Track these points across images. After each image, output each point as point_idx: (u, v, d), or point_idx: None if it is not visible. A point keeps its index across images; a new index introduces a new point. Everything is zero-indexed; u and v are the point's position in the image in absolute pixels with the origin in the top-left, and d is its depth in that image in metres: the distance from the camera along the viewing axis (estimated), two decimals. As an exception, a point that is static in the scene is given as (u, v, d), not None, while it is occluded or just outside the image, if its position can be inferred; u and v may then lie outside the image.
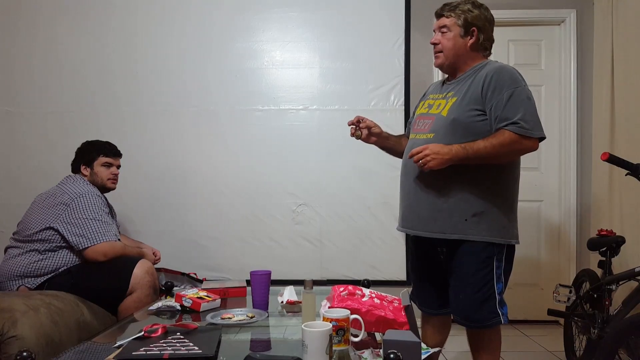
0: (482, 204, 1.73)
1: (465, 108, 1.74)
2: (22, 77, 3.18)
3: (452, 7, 1.82)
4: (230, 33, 3.20)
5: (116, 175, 2.47)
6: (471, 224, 1.73)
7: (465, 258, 1.74)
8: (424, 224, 1.80)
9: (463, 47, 1.81)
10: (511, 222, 1.79)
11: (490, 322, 1.73)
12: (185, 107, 3.19)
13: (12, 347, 1.65)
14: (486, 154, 1.67)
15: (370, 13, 3.19)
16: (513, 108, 1.67)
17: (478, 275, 1.72)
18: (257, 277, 1.88)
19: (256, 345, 1.56)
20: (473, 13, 1.79)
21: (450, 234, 1.75)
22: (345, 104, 3.19)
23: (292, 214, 3.19)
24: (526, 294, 3.28)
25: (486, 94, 1.71)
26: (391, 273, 3.17)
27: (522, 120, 1.66)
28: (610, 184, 2.81)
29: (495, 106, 1.69)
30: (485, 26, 1.82)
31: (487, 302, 1.72)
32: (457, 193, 1.74)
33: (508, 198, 1.78)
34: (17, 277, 2.16)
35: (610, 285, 2.20)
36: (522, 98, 1.69)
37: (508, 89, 1.69)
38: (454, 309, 1.82)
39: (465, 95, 1.76)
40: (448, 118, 1.75)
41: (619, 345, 1.79)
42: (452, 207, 1.74)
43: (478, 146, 1.67)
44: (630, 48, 2.68)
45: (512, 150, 1.69)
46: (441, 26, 1.83)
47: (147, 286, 2.17)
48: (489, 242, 1.72)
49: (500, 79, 1.71)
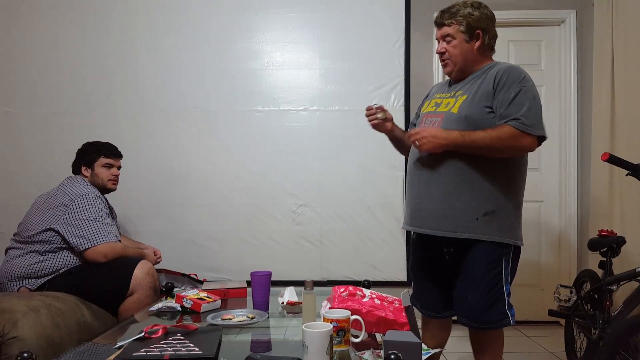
0: (493, 204, 1.72)
1: (477, 105, 1.73)
2: (22, 78, 3.18)
3: (451, 13, 1.79)
4: (230, 34, 3.21)
5: (117, 177, 2.47)
6: (482, 223, 1.71)
7: (476, 258, 1.72)
8: (435, 222, 1.77)
9: (470, 51, 1.80)
10: (518, 222, 1.79)
11: (500, 323, 1.71)
12: (185, 108, 3.19)
13: (12, 348, 1.65)
14: (483, 144, 1.67)
15: (370, 13, 3.19)
16: (517, 105, 1.67)
17: (488, 276, 1.71)
18: (257, 277, 1.88)
19: (257, 346, 1.56)
20: (474, 16, 1.77)
21: (461, 232, 1.73)
22: (346, 104, 3.19)
23: (293, 215, 3.19)
24: (527, 294, 3.28)
25: (495, 91, 1.72)
26: (392, 273, 3.17)
27: (523, 116, 1.66)
28: (610, 184, 2.81)
29: (501, 102, 1.70)
30: (489, 26, 1.81)
31: (496, 303, 1.71)
32: (469, 191, 1.73)
33: (517, 198, 1.78)
34: (17, 278, 2.16)
35: (611, 286, 2.20)
36: (528, 97, 1.69)
37: (516, 87, 1.69)
38: (459, 310, 1.79)
39: (476, 93, 1.75)
40: (460, 115, 1.74)
41: (620, 345, 1.79)
42: (464, 206, 1.72)
43: (476, 136, 1.67)
44: (630, 48, 2.68)
45: (509, 145, 1.68)
46: (444, 35, 1.81)
47: (148, 287, 2.17)
48: (499, 242, 1.72)
49: (510, 77, 1.71)
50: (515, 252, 1.78)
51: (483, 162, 1.72)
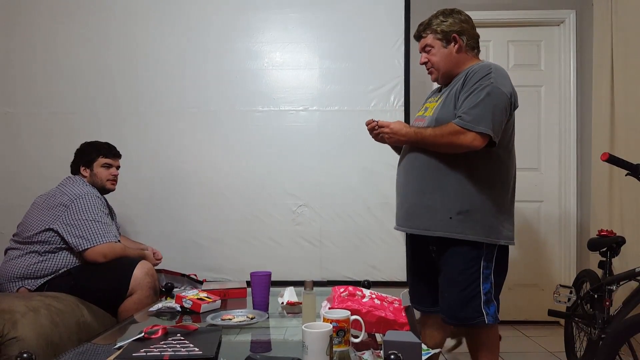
0: (467, 203, 1.73)
1: (447, 108, 1.77)
2: (22, 79, 3.18)
3: (425, 25, 1.88)
4: (230, 34, 3.21)
5: (116, 176, 2.47)
6: (456, 222, 1.73)
7: (452, 257, 1.75)
8: (410, 221, 1.83)
9: (450, 55, 1.85)
10: (501, 222, 1.77)
11: (475, 321, 1.72)
12: (185, 109, 3.19)
13: (12, 348, 1.65)
14: (430, 141, 1.73)
15: (370, 13, 3.19)
16: (467, 103, 1.69)
17: (464, 275, 1.73)
18: (257, 278, 1.88)
19: (256, 347, 1.56)
20: (447, 22, 1.84)
21: (434, 231, 1.76)
22: (345, 104, 3.19)
23: (292, 215, 3.19)
24: (526, 294, 3.28)
25: (461, 91, 1.75)
26: (391, 273, 3.17)
27: (466, 113, 1.68)
28: (610, 185, 2.81)
29: (460, 101, 1.73)
30: (464, 27, 1.85)
31: (471, 301, 1.72)
32: (443, 190, 1.75)
33: (497, 197, 1.76)
34: (17, 279, 2.16)
35: (611, 286, 2.20)
36: (480, 94, 1.68)
37: (475, 85, 1.70)
38: (440, 307, 1.82)
39: (448, 95, 1.80)
40: (433, 117, 1.80)
41: (620, 345, 1.79)
42: (437, 204, 1.75)
43: (426, 133, 1.74)
44: (629, 48, 2.69)
45: (450, 142, 1.69)
46: (424, 46, 1.89)
47: (147, 287, 2.17)
48: (475, 241, 1.72)
49: (474, 76, 1.72)
50: (501, 251, 1.78)
51: (455, 160, 1.74)
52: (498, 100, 1.69)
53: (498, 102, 1.68)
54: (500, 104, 1.69)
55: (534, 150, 3.31)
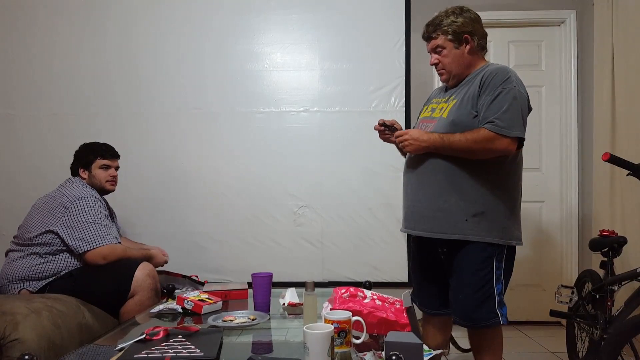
0: (482, 205, 1.74)
1: (464, 110, 1.77)
2: (22, 80, 3.18)
3: (436, 25, 1.84)
4: (230, 35, 3.21)
5: (115, 177, 2.46)
6: (471, 224, 1.74)
7: (465, 258, 1.75)
8: (425, 224, 1.81)
9: (462, 56, 1.84)
10: (513, 223, 1.79)
11: (490, 322, 1.73)
12: (185, 110, 3.19)
13: (14, 350, 1.65)
14: (460, 147, 1.71)
15: (370, 14, 3.19)
16: (495, 107, 1.70)
17: (477, 276, 1.73)
18: (258, 279, 1.88)
19: (258, 348, 1.56)
20: (458, 22, 1.81)
21: (450, 234, 1.76)
22: (346, 105, 3.19)
23: (294, 216, 3.19)
24: (528, 295, 3.28)
25: (480, 94, 1.74)
26: (393, 274, 3.17)
27: (498, 118, 1.68)
28: (611, 185, 2.81)
29: (483, 105, 1.73)
30: (475, 27, 1.84)
31: (486, 302, 1.73)
32: (457, 193, 1.75)
33: (509, 199, 1.79)
34: (18, 281, 2.16)
35: (613, 286, 2.20)
36: (507, 98, 1.70)
37: (498, 88, 1.71)
38: (453, 310, 1.83)
39: (464, 97, 1.79)
40: (448, 119, 1.78)
41: (622, 345, 1.78)
42: (453, 207, 1.75)
43: (454, 138, 1.72)
44: (630, 48, 2.68)
45: (485, 148, 1.70)
46: (434, 47, 1.86)
47: (149, 289, 2.17)
48: (489, 242, 1.73)
49: (494, 79, 1.73)
50: (509, 252, 1.79)
51: (471, 163, 1.75)
52: (523, 104, 1.74)
53: (523, 105, 1.74)
54: (525, 108, 1.75)
55: (535, 150, 3.30)
